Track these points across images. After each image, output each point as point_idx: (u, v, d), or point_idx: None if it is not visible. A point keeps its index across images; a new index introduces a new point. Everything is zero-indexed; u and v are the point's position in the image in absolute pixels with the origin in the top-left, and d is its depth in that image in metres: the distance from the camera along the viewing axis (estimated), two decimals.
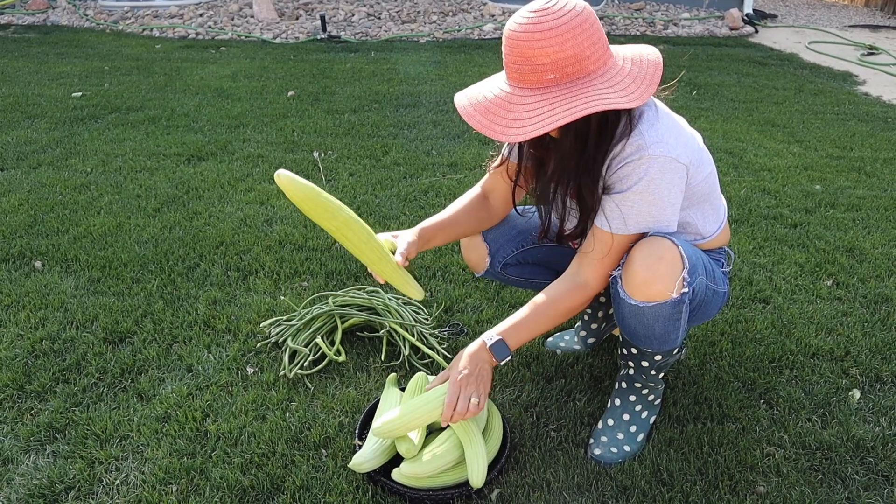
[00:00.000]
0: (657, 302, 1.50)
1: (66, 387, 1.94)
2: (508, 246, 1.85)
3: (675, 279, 1.49)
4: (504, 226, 1.85)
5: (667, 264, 1.48)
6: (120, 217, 2.94)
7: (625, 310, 1.56)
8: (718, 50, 6.64)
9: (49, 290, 2.40)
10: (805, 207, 3.18)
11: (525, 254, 1.86)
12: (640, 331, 1.58)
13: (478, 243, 1.85)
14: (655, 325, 1.55)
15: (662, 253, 1.48)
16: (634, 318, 1.56)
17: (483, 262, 1.87)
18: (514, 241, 1.85)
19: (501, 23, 7.34)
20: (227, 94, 4.83)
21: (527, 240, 1.85)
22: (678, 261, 1.49)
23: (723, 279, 1.72)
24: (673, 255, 1.48)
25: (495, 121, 1.42)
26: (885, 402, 1.94)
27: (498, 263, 1.86)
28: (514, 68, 1.41)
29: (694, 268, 1.53)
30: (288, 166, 3.50)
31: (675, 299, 1.50)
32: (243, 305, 2.33)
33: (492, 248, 1.84)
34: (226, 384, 1.96)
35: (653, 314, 1.52)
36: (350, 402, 1.89)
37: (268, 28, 7.06)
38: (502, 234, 1.84)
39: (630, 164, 1.47)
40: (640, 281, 1.49)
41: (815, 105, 4.94)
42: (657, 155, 1.46)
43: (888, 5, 9.64)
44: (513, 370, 2.03)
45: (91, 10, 7.63)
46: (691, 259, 1.52)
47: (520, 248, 1.85)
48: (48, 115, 4.29)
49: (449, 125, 4.19)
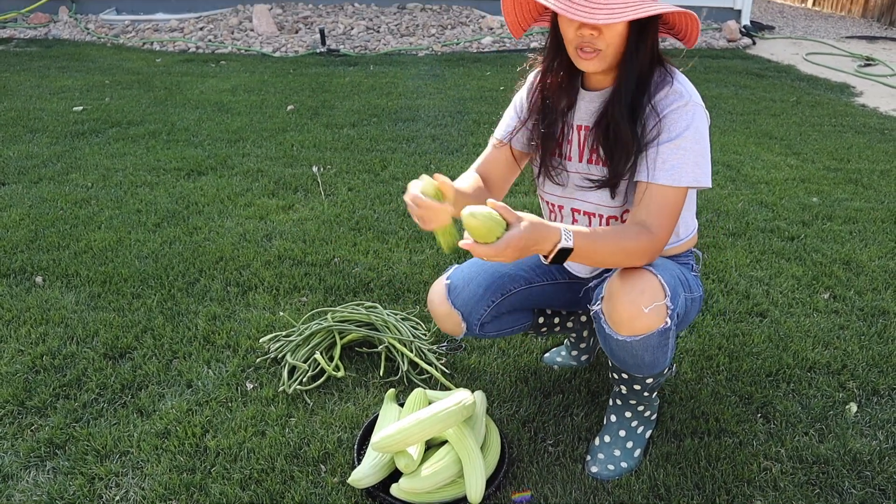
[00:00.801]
0: (645, 335, 1.50)
1: (66, 402, 1.95)
2: (479, 306, 1.75)
3: (659, 310, 1.48)
4: (468, 287, 1.75)
5: (649, 297, 1.47)
6: (120, 232, 2.96)
7: (612, 344, 1.56)
8: (716, 62, 6.67)
9: (50, 306, 2.41)
10: (802, 220, 3.19)
11: (497, 308, 1.78)
12: (629, 360, 1.59)
13: (449, 312, 1.75)
14: (644, 355, 1.55)
15: (643, 286, 1.47)
16: (623, 350, 1.56)
17: (459, 329, 1.78)
18: (483, 301, 1.75)
19: (500, 36, 7.38)
20: (227, 108, 4.85)
21: (496, 294, 1.76)
22: (659, 291, 1.48)
23: (697, 283, 1.72)
24: (653, 286, 1.47)
25: (580, 4, 1.37)
26: (882, 415, 1.95)
27: (474, 326, 1.77)
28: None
29: (674, 291, 1.52)
30: (287, 181, 3.52)
31: (662, 328, 1.50)
32: (243, 321, 2.34)
33: (464, 314, 1.74)
34: (225, 400, 1.97)
35: (641, 346, 1.52)
36: (349, 418, 1.90)
37: (267, 42, 7.10)
38: (470, 298, 1.74)
39: (677, 111, 1.47)
40: (624, 317, 1.48)
41: (813, 117, 4.96)
42: (699, 104, 1.50)
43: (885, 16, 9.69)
44: (511, 385, 2.04)
45: (92, 24, 7.68)
46: (670, 284, 1.51)
47: (490, 304, 1.76)
48: (49, 129, 4.31)
49: (447, 139, 4.21)
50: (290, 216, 3.14)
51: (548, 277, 1.82)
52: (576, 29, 1.45)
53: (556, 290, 1.84)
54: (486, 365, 2.13)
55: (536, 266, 1.81)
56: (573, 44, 1.47)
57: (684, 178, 1.47)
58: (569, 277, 1.85)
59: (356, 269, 2.67)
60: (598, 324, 1.57)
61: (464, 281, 1.76)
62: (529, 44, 7.23)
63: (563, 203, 1.69)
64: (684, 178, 1.47)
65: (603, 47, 1.44)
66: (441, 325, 1.80)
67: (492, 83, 5.60)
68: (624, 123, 1.50)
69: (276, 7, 7.95)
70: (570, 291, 1.85)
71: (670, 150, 1.47)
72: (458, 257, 2.76)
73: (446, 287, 1.76)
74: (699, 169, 1.48)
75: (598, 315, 1.56)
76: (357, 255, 2.77)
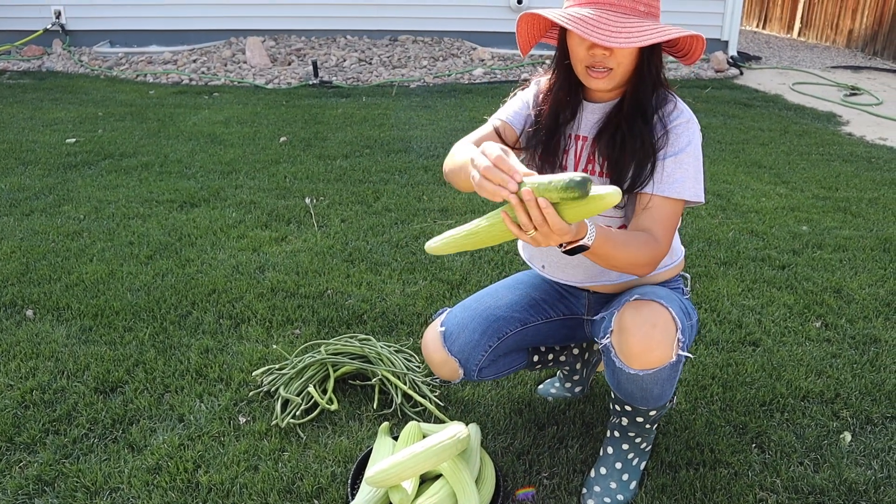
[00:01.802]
0: (657, 368, 1.51)
1: (56, 438, 1.93)
2: (476, 352, 1.74)
3: (672, 343, 1.49)
4: (464, 333, 1.75)
5: (661, 330, 1.48)
6: (112, 264, 2.95)
7: (621, 377, 1.56)
8: (704, 92, 6.75)
9: (40, 340, 2.39)
10: (792, 249, 3.21)
11: (495, 352, 1.77)
12: (637, 393, 1.59)
13: (446, 360, 1.75)
14: (654, 388, 1.55)
15: (655, 319, 1.48)
16: (632, 383, 1.56)
17: (457, 375, 1.77)
18: (480, 346, 1.74)
19: (491, 67, 7.46)
20: (220, 139, 4.87)
21: (492, 338, 1.75)
22: (671, 324, 1.49)
23: (692, 308, 1.74)
24: (665, 319, 1.49)
25: (596, 27, 1.42)
26: (877, 444, 1.95)
27: (472, 372, 1.76)
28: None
29: (683, 323, 1.54)
30: (280, 213, 3.52)
31: (673, 361, 1.51)
32: (235, 354, 2.33)
33: (461, 360, 1.74)
34: (217, 434, 1.96)
35: (652, 379, 1.53)
36: (342, 452, 1.88)
37: (260, 74, 7.15)
38: (466, 344, 1.74)
39: (681, 126, 1.56)
40: (637, 350, 1.49)
41: (801, 146, 5.02)
42: (697, 122, 1.59)
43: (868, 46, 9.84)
44: (505, 417, 2.04)
45: (86, 56, 7.72)
46: (680, 316, 1.53)
47: (487, 349, 1.75)
48: (42, 161, 4.32)
49: (439, 170, 4.23)
50: (283, 248, 3.14)
51: (542, 316, 1.82)
52: (587, 48, 1.51)
53: (551, 327, 1.84)
54: (480, 397, 2.12)
55: (529, 306, 1.81)
56: (584, 62, 1.53)
57: (685, 192, 1.54)
58: (563, 314, 1.84)
59: (349, 301, 2.67)
60: (608, 357, 1.56)
61: (458, 327, 1.75)
62: (521, 75, 7.30)
63: None
64: (685, 192, 1.54)
65: (614, 66, 1.52)
66: (438, 372, 1.79)
67: (483, 114, 5.63)
68: (637, 129, 1.56)
69: (269, 39, 8.02)
70: (565, 328, 1.86)
71: (673, 164, 1.54)
72: (450, 296, 2.77)
73: (441, 335, 1.76)
74: (697, 185, 1.56)
75: (608, 348, 1.56)
76: (350, 287, 2.77)
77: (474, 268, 2.95)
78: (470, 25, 8.16)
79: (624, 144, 1.56)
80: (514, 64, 7.59)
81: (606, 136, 1.60)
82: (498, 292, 1.84)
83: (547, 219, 1.25)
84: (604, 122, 1.62)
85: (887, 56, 9.45)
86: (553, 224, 1.25)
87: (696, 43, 1.55)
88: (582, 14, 1.45)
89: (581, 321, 1.86)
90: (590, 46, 1.50)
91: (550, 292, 1.85)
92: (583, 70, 1.55)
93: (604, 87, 1.55)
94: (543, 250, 1.79)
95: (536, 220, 1.25)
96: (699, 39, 1.53)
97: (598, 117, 1.64)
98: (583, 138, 1.66)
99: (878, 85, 7.59)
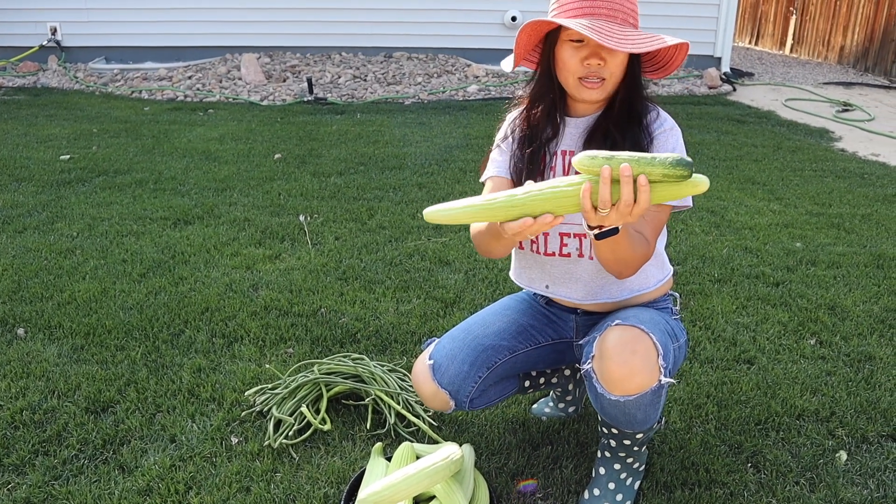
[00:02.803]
0: (638, 394, 1.50)
1: (45, 459, 1.91)
2: (467, 383, 1.72)
3: (652, 369, 1.48)
4: (453, 365, 1.73)
5: (641, 357, 1.47)
6: (105, 282, 2.93)
7: (604, 402, 1.55)
8: (698, 108, 6.78)
9: (31, 359, 2.38)
10: (786, 265, 3.22)
11: (485, 382, 1.76)
12: (620, 418, 1.58)
13: (436, 392, 1.73)
14: (637, 413, 1.54)
15: (636, 346, 1.48)
16: (615, 409, 1.55)
17: (448, 406, 1.75)
18: (470, 378, 1.72)
19: (485, 84, 7.49)
20: (215, 156, 4.87)
21: (482, 368, 1.74)
22: (652, 350, 1.49)
23: (680, 329, 1.73)
24: (646, 345, 1.48)
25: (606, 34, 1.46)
26: (872, 463, 1.94)
27: (464, 403, 1.74)
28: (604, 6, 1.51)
29: (665, 348, 1.53)
30: (274, 230, 3.52)
31: (655, 387, 1.50)
32: (228, 373, 2.31)
33: (451, 392, 1.72)
34: (210, 455, 1.94)
35: (634, 405, 1.52)
36: (335, 473, 1.87)
37: (255, 90, 7.17)
38: (456, 375, 1.72)
39: (665, 134, 1.62)
40: (617, 377, 1.48)
41: (794, 162, 5.04)
42: (678, 127, 1.64)
43: (860, 62, 9.92)
44: (499, 437, 2.02)
45: (81, 72, 7.73)
46: (662, 342, 1.52)
47: (478, 379, 1.73)
48: (35, 178, 4.31)
49: (434, 187, 4.24)
50: (276, 266, 3.13)
51: (531, 343, 1.81)
52: (582, 59, 1.55)
53: (540, 353, 1.83)
54: (474, 416, 2.11)
55: (518, 333, 1.80)
56: (577, 74, 1.57)
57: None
58: (552, 339, 1.83)
59: (343, 320, 2.66)
60: (590, 383, 1.56)
61: (447, 359, 1.73)
62: (515, 91, 7.34)
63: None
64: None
65: (607, 76, 1.56)
66: (429, 403, 1.78)
67: (477, 131, 5.66)
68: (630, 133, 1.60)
69: (265, 56, 8.04)
70: (554, 352, 1.85)
71: None
72: (443, 314, 2.76)
73: (430, 367, 1.74)
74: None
75: (590, 374, 1.55)
76: (344, 306, 2.76)
77: (468, 286, 2.94)
78: (464, 42, 8.20)
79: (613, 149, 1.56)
80: (508, 81, 7.62)
81: (596, 143, 1.62)
82: (486, 320, 1.82)
83: (640, 197, 1.24)
84: (591, 130, 1.65)
85: (878, 72, 9.52)
86: (643, 203, 1.25)
87: (678, 52, 1.61)
88: (583, 23, 1.48)
89: (570, 344, 1.85)
90: (585, 57, 1.54)
91: (538, 317, 1.84)
92: (575, 82, 1.58)
93: (596, 97, 1.59)
94: (546, 269, 1.78)
95: (626, 199, 1.25)
96: (683, 48, 1.59)
97: (582, 130, 1.67)
98: (570, 152, 1.68)
99: (870, 101, 7.64)
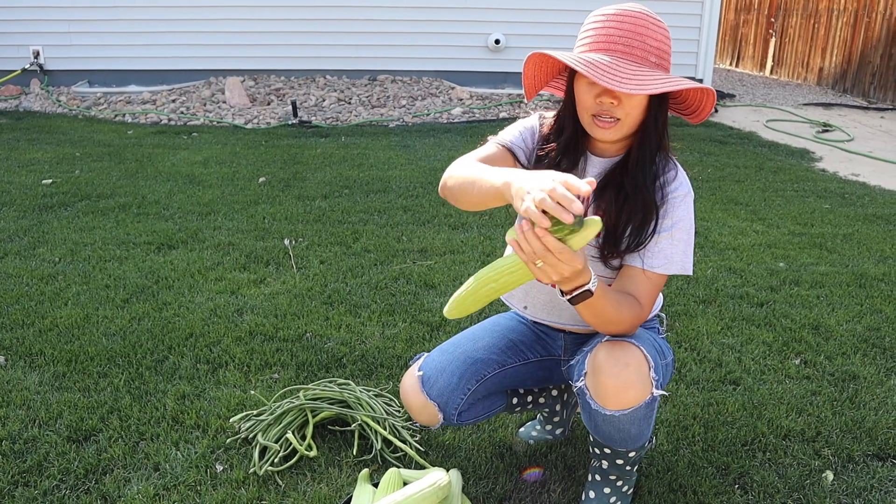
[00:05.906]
0: (633, 408, 1.50)
1: (25, 490, 1.88)
2: (455, 396, 1.73)
3: (646, 381, 1.49)
4: (442, 377, 1.74)
5: (634, 370, 1.48)
6: (87, 308, 2.90)
7: (598, 419, 1.55)
8: (681, 130, 6.85)
9: (12, 387, 2.34)
10: (770, 286, 3.24)
11: (474, 394, 1.76)
12: (615, 435, 1.58)
13: (425, 404, 1.74)
14: (631, 428, 1.55)
15: (628, 359, 1.49)
16: (609, 425, 1.55)
17: (436, 419, 1.76)
18: (459, 390, 1.73)
19: (469, 106, 7.53)
20: (199, 180, 4.86)
21: (471, 381, 1.74)
22: (643, 363, 1.50)
23: (667, 347, 1.74)
24: (638, 359, 1.49)
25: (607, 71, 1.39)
26: (859, 482, 1.95)
27: (452, 416, 1.75)
28: (620, 41, 1.43)
29: (656, 361, 1.55)
30: (258, 254, 3.50)
31: (648, 400, 1.51)
32: (213, 399, 2.29)
33: (440, 404, 1.73)
34: (194, 483, 1.91)
35: (628, 419, 1.52)
36: (322, 500, 1.85)
37: (239, 113, 7.17)
38: (445, 387, 1.73)
39: (678, 199, 1.55)
40: (611, 391, 1.49)
41: (776, 182, 5.09)
42: (692, 193, 1.59)
43: (838, 84, 10.07)
44: (486, 462, 2.01)
45: (64, 95, 7.70)
46: (652, 354, 1.54)
47: (466, 392, 1.74)
48: (17, 202, 4.27)
49: (419, 210, 4.24)
50: (261, 290, 3.12)
51: (520, 358, 1.81)
52: (595, 96, 1.48)
53: (529, 369, 1.83)
54: (461, 441, 2.10)
55: (507, 348, 1.81)
56: (590, 111, 1.50)
57: (673, 267, 1.56)
58: (540, 356, 1.84)
59: (328, 345, 2.64)
60: (584, 400, 1.56)
61: (437, 371, 1.74)
62: (499, 114, 7.38)
63: None
64: (673, 267, 1.56)
65: (622, 116, 1.48)
66: (416, 417, 1.77)
67: (462, 153, 5.67)
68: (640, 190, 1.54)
69: (249, 79, 8.06)
70: (543, 369, 1.85)
71: (666, 239, 1.55)
72: (430, 338, 2.75)
73: (419, 379, 1.75)
74: (686, 258, 1.57)
75: (583, 391, 1.55)
76: (329, 330, 2.75)
77: None
78: (448, 65, 8.25)
79: (624, 205, 1.54)
80: (492, 103, 7.67)
81: (608, 194, 1.56)
82: (475, 335, 1.83)
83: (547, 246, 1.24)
84: (606, 179, 1.58)
85: (857, 93, 9.67)
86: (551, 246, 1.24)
87: (707, 98, 1.51)
88: (594, 59, 1.42)
89: (558, 362, 1.85)
90: (598, 94, 1.47)
91: (528, 334, 1.85)
92: (589, 119, 1.51)
93: (609, 137, 1.52)
94: (530, 292, 1.78)
95: (538, 251, 1.25)
96: (710, 94, 1.49)
97: (599, 171, 1.61)
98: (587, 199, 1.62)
99: (849, 122, 7.75)
